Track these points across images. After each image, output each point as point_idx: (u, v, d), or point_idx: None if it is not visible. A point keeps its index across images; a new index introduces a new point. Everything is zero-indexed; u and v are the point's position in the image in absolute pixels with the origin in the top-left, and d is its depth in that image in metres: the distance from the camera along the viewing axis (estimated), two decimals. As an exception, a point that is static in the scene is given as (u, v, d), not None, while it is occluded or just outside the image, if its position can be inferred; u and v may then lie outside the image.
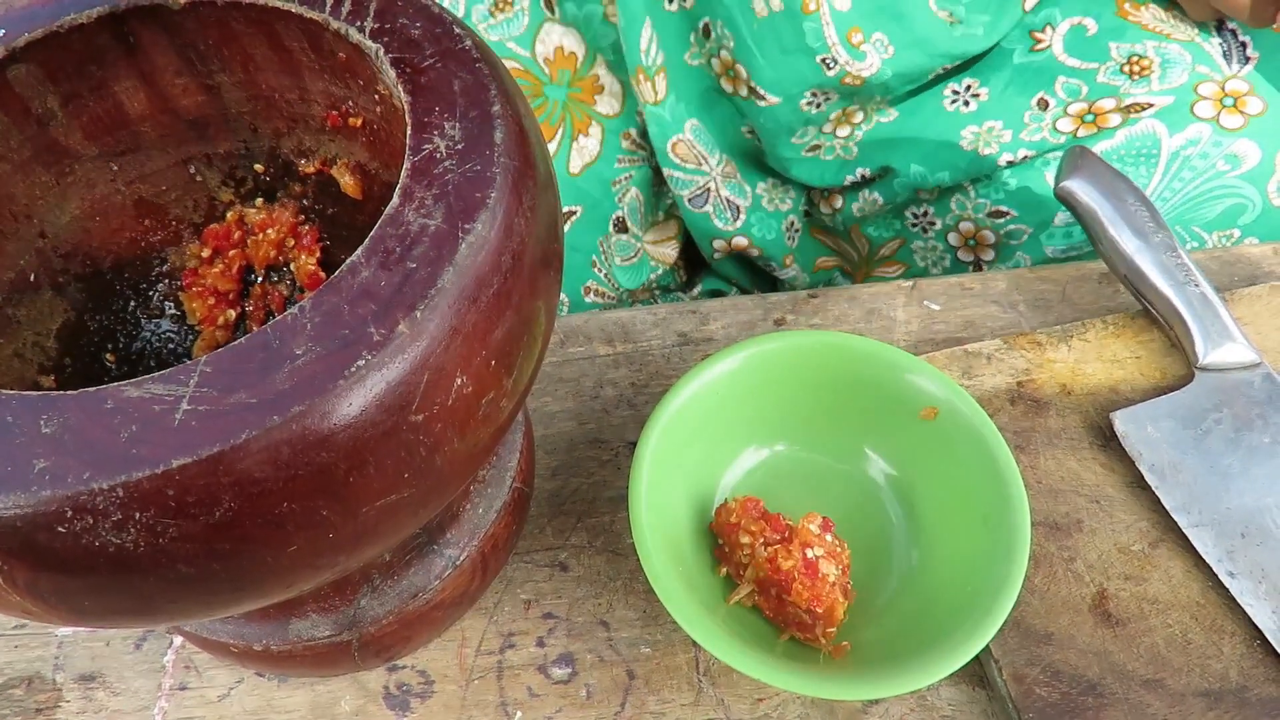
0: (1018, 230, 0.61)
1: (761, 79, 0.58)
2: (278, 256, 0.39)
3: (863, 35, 0.56)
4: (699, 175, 0.65)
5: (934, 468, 0.41)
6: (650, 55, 0.59)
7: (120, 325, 0.38)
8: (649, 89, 0.60)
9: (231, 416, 0.21)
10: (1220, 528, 0.41)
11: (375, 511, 0.23)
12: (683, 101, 0.62)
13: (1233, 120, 0.55)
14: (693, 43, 0.60)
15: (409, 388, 0.22)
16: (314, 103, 0.34)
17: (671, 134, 0.63)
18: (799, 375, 0.42)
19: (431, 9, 0.29)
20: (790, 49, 0.56)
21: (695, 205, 0.66)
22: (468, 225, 0.24)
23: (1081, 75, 0.58)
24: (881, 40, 0.57)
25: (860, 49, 0.56)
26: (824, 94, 0.59)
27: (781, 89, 0.59)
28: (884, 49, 0.57)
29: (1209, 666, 0.38)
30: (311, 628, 0.35)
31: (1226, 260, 0.53)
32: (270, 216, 0.38)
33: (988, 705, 0.39)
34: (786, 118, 0.61)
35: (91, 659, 0.41)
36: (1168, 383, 0.46)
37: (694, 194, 0.65)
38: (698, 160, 0.64)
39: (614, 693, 0.40)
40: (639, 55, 0.59)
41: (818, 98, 0.59)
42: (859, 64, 0.56)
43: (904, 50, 0.58)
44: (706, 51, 0.60)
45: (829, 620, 0.38)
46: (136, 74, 0.34)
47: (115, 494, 0.20)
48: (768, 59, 0.57)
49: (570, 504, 0.45)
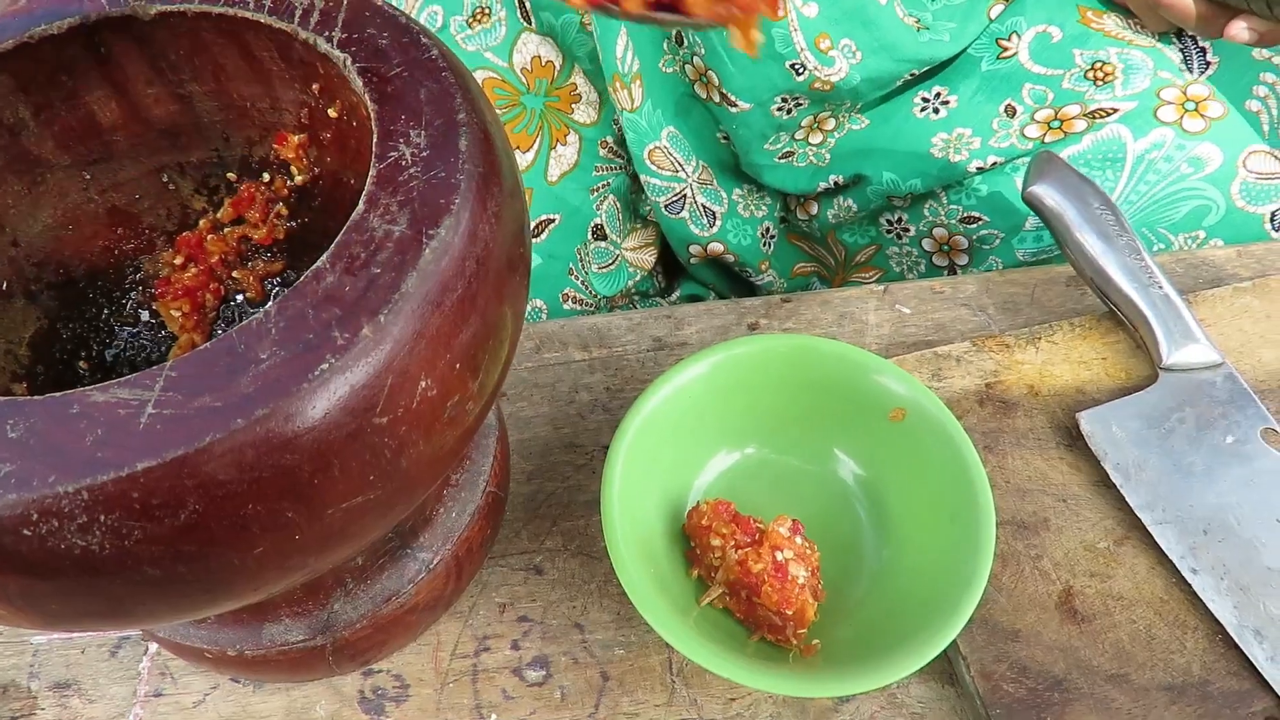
0: (990, 235, 0.62)
1: (732, 86, 0.59)
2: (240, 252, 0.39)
3: (830, 41, 0.57)
4: (675, 182, 0.66)
5: (902, 468, 0.42)
6: (626, 63, 0.60)
7: (94, 333, 0.38)
8: (625, 96, 0.61)
9: (196, 420, 0.21)
10: (1183, 525, 0.42)
11: (341, 513, 0.24)
12: (660, 108, 0.63)
13: (1195, 124, 0.56)
14: (666, 50, 0.61)
15: (373, 391, 0.23)
16: (285, 111, 0.35)
17: (648, 141, 0.63)
18: (769, 378, 0.43)
19: (399, 19, 0.30)
20: (760, 56, 0.57)
21: (672, 211, 0.66)
22: (432, 231, 0.24)
23: (1047, 82, 0.59)
24: (850, 46, 0.57)
25: (829, 55, 0.57)
26: (794, 99, 0.60)
27: (752, 95, 0.60)
28: (852, 55, 0.58)
29: (1172, 661, 0.39)
30: (285, 632, 0.35)
31: (1191, 263, 0.54)
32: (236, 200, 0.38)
33: (956, 702, 0.39)
34: (759, 123, 0.62)
35: (66, 666, 0.41)
36: (1133, 383, 0.47)
37: (670, 200, 0.66)
38: (674, 167, 0.65)
39: (588, 694, 0.40)
40: (615, 63, 0.60)
41: (788, 103, 0.60)
42: (828, 69, 0.57)
43: (871, 56, 0.58)
44: (680, 59, 0.61)
45: (799, 622, 0.38)
46: (108, 84, 0.34)
47: (80, 497, 0.20)
48: (737, 65, 0.58)
49: (545, 508, 0.46)
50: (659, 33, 0.60)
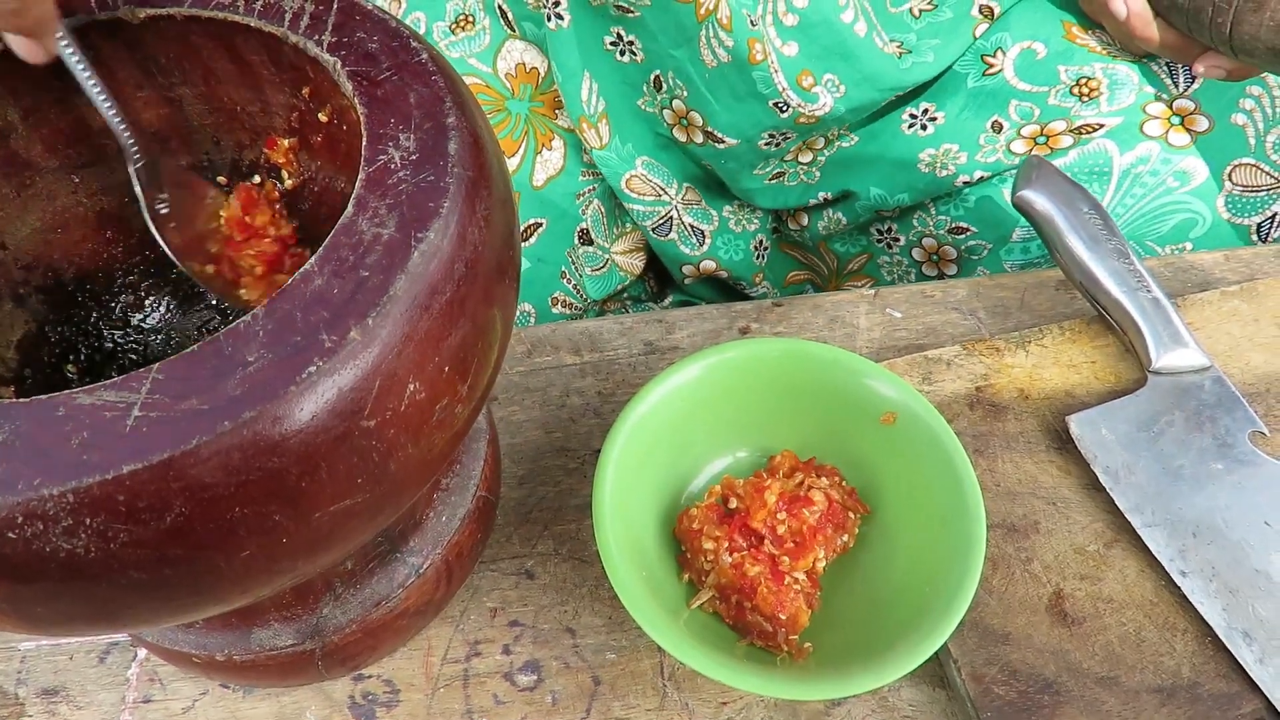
0: (978, 246, 0.62)
1: (718, 124, 0.60)
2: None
3: (813, 78, 0.57)
4: (659, 206, 0.66)
5: (893, 472, 0.42)
6: (591, 105, 0.61)
7: (82, 337, 0.38)
8: (593, 135, 0.62)
9: (182, 422, 0.21)
10: (1172, 528, 0.42)
11: (329, 517, 0.24)
12: (630, 143, 0.63)
13: (1180, 138, 0.56)
14: (645, 92, 0.61)
15: (361, 393, 0.23)
16: (275, 115, 0.35)
17: (623, 171, 0.64)
18: (760, 382, 0.43)
19: (389, 23, 0.30)
20: (743, 95, 0.57)
21: (660, 234, 0.67)
22: (420, 234, 0.24)
23: (1033, 98, 0.60)
24: (833, 80, 0.58)
25: (812, 91, 0.57)
26: (781, 134, 0.60)
27: (739, 132, 0.60)
28: (835, 89, 0.58)
29: (1162, 663, 0.39)
30: (274, 637, 0.35)
31: (1180, 267, 0.55)
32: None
33: (947, 705, 0.39)
34: (747, 155, 0.62)
35: (54, 672, 0.41)
36: (1122, 386, 0.48)
37: (657, 223, 0.66)
38: (656, 192, 0.65)
39: (579, 699, 0.40)
40: (580, 106, 0.61)
41: (775, 137, 0.60)
42: (812, 105, 0.57)
43: (855, 88, 0.59)
44: (659, 102, 0.61)
45: (792, 627, 0.38)
46: (98, 87, 0.34)
47: (66, 500, 0.20)
48: (722, 104, 0.58)
49: (537, 512, 0.45)
50: (637, 76, 0.61)
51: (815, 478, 0.42)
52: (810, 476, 0.42)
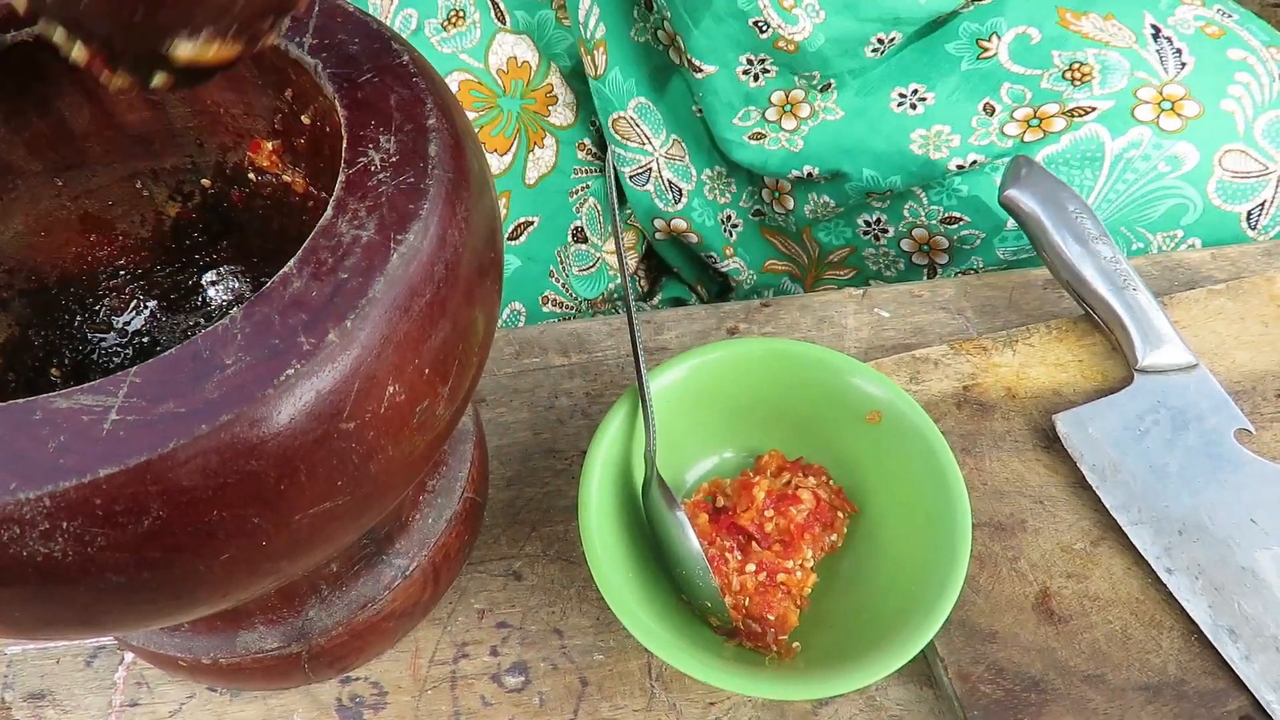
0: (971, 235, 0.62)
1: (695, 48, 0.60)
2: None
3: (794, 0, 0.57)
4: (641, 154, 0.67)
5: (879, 471, 0.42)
6: (589, 28, 0.62)
7: (66, 340, 0.38)
8: (589, 63, 0.63)
9: (160, 426, 0.21)
10: (1159, 526, 0.42)
11: (309, 519, 0.24)
12: (630, 79, 0.64)
13: (1171, 123, 0.56)
14: (636, 18, 0.62)
15: (339, 396, 0.23)
16: (258, 117, 0.35)
17: (612, 110, 0.65)
18: (746, 382, 0.43)
19: (370, 25, 0.30)
20: (723, 15, 0.58)
21: (637, 183, 0.68)
22: (400, 236, 0.24)
23: (1026, 81, 0.60)
24: (812, 5, 0.58)
25: (791, 12, 0.58)
26: (759, 61, 0.61)
27: (716, 56, 0.61)
28: (815, 13, 0.58)
29: (1148, 661, 0.39)
30: (260, 640, 0.35)
31: (1166, 266, 0.55)
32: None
33: (935, 704, 0.39)
34: (726, 90, 0.63)
35: (41, 677, 0.41)
36: (1109, 385, 0.48)
37: (635, 171, 0.67)
38: (640, 139, 0.66)
39: (567, 700, 0.40)
40: (580, 28, 0.62)
41: (754, 66, 0.61)
42: (791, 28, 0.58)
43: (835, 14, 0.59)
44: (651, 25, 0.62)
45: (781, 629, 0.38)
46: (80, 90, 0.34)
47: (42, 504, 0.20)
48: (701, 28, 0.59)
49: (525, 513, 0.45)
50: (627, 1, 0.61)
51: (803, 477, 0.42)
52: (797, 476, 0.42)
